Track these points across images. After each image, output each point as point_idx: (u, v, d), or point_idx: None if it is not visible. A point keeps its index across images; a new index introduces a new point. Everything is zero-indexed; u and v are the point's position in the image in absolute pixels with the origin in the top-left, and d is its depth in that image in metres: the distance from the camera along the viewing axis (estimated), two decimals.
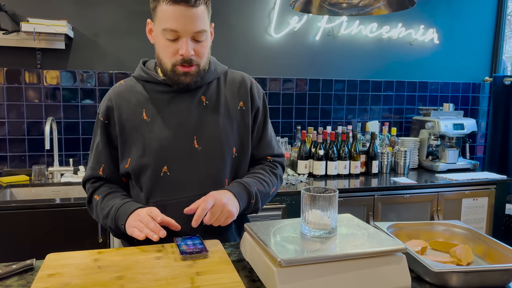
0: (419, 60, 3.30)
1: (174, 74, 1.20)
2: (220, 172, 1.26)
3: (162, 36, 1.17)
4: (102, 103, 1.29)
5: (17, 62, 2.52)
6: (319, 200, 1.01)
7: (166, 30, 1.14)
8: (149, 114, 1.24)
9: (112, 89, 1.31)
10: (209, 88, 1.30)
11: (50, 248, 1.20)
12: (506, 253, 1.09)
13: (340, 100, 3.16)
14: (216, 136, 1.25)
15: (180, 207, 1.18)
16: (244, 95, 1.32)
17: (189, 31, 1.15)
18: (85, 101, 2.65)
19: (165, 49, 1.18)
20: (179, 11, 1.12)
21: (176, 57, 1.17)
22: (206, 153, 1.24)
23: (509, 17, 3.61)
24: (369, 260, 0.94)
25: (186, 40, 1.15)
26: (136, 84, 1.29)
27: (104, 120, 1.27)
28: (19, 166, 2.59)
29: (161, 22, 1.16)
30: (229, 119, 1.29)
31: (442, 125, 2.91)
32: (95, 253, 1.05)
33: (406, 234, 1.27)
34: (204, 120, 1.26)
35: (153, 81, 1.27)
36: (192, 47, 1.17)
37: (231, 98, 1.31)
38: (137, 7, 2.67)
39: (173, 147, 1.22)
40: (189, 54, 1.16)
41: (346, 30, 3.07)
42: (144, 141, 1.22)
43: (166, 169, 1.22)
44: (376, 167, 2.83)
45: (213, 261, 1.02)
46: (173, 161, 1.22)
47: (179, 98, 1.26)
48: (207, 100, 1.28)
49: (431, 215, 2.63)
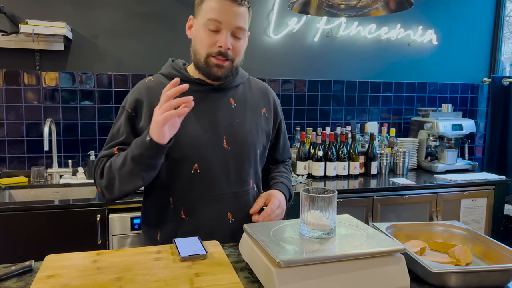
0: (417, 61, 3.31)
1: (207, 65, 1.23)
2: (246, 172, 1.32)
3: (204, 27, 1.21)
4: (130, 96, 1.29)
5: (16, 63, 2.53)
6: (318, 201, 1.01)
7: (210, 20, 1.19)
8: None
9: (142, 83, 1.32)
10: (237, 91, 1.35)
11: (49, 249, 1.20)
12: (505, 253, 1.09)
13: (339, 101, 3.16)
14: (244, 138, 1.30)
15: (209, 204, 1.25)
16: (266, 104, 1.40)
17: (231, 25, 1.20)
18: (84, 102, 2.65)
19: (204, 39, 1.22)
20: (225, 5, 1.19)
21: (212, 48, 1.22)
22: (235, 154, 1.28)
23: (507, 18, 3.62)
24: (368, 261, 0.94)
25: (226, 33, 1.21)
26: (165, 81, 1.28)
27: (131, 112, 1.26)
28: (18, 167, 2.58)
29: (206, 13, 1.21)
30: (254, 123, 1.35)
31: (441, 126, 2.92)
32: (94, 254, 1.05)
33: (405, 234, 1.27)
34: (233, 121, 1.30)
35: (184, 79, 1.28)
36: (230, 41, 1.22)
37: (255, 104, 1.38)
38: (136, 8, 2.67)
39: (205, 146, 1.25)
40: (227, 47, 1.21)
41: (344, 31, 3.07)
42: (175, 139, 1.18)
43: (197, 167, 1.25)
44: (375, 168, 2.83)
45: (212, 262, 1.02)
46: (204, 159, 1.24)
47: (209, 98, 1.29)
48: (235, 102, 1.33)
49: (430, 215, 2.63)
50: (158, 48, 2.75)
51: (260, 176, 1.42)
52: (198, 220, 1.26)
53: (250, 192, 1.34)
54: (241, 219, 1.29)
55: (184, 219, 1.27)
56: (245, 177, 1.32)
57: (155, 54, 2.75)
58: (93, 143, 2.68)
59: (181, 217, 1.27)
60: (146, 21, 2.70)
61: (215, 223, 1.25)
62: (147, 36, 2.72)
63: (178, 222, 1.27)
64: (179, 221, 1.27)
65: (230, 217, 1.29)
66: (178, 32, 2.77)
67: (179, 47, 2.78)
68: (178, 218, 1.27)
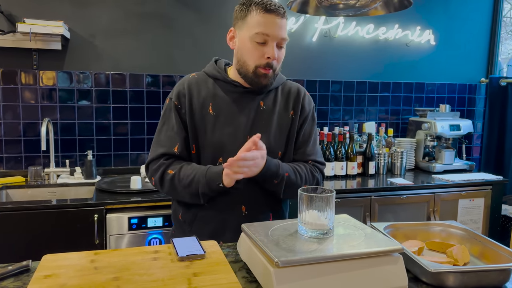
0: (415, 61, 3.31)
1: (255, 75, 1.34)
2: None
3: (250, 40, 1.31)
4: (175, 89, 1.42)
5: (13, 63, 2.52)
6: (316, 201, 1.01)
7: (258, 34, 1.29)
8: (215, 108, 1.38)
9: (186, 78, 1.44)
10: (268, 95, 1.44)
11: (46, 249, 1.20)
12: (502, 253, 1.09)
13: (337, 101, 3.17)
14: (266, 139, 1.37)
15: (226, 195, 1.35)
16: (295, 105, 1.46)
17: (277, 37, 1.31)
18: (82, 102, 2.64)
19: (252, 52, 1.32)
20: (271, 18, 1.29)
21: (261, 60, 1.32)
22: None
23: (504, 19, 3.63)
24: (366, 261, 0.94)
25: (273, 44, 1.31)
26: (207, 79, 1.43)
27: (177, 104, 1.39)
28: (15, 167, 2.57)
29: (253, 27, 1.30)
30: (279, 127, 1.43)
31: (438, 126, 2.92)
32: (91, 254, 1.05)
33: (403, 234, 1.27)
34: (259, 123, 1.40)
35: (223, 80, 1.41)
36: (277, 52, 1.33)
37: (284, 107, 1.45)
38: (134, 7, 2.67)
39: (230, 142, 1.37)
40: (275, 58, 1.32)
41: (343, 31, 3.08)
42: (206, 133, 1.37)
43: (221, 161, 1.37)
44: (373, 168, 2.83)
45: (210, 262, 1.01)
46: (227, 154, 1.31)
47: (242, 99, 1.40)
48: (265, 105, 1.42)
49: (427, 215, 2.64)
50: (156, 47, 2.75)
51: None
52: (215, 207, 1.37)
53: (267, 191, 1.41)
54: (254, 212, 1.40)
55: (205, 205, 1.38)
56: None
57: (153, 53, 2.74)
58: (91, 143, 2.68)
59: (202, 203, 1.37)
60: (144, 21, 2.70)
61: (229, 212, 1.37)
62: (145, 35, 2.72)
63: (200, 206, 1.39)
64: (200, 205, 1.38)
65: (243, 209, 1.39)
66: (176, 32, 2.76)
67: (177, 47, 2.77)
68: (199, 204, 1.38)
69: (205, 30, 2.81)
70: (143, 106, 2.74)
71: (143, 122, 2.75)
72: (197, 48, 2.81)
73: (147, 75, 2.74)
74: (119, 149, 2.74)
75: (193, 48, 2.80)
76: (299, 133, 1.47)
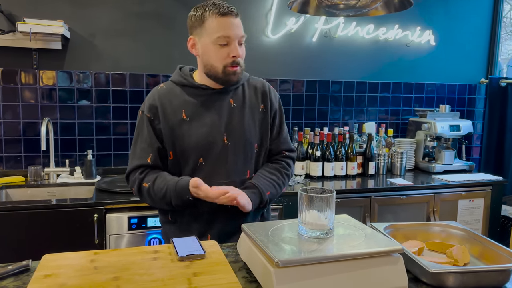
0: (415, 62, 3.31)
1: (225, 74, 1.42)
2: (244, 164, 1.49)
3: (213, 44, 1.39)
4: (147, 102, 1.48)
5: (13, 62, 2.51)
6: (316, 201, 1.01)
7: (220, 37, 1.37)
8: (188, 114, 1.45)
9: (155, 90, 1.50)
10: (236, 92, 1.51)
11: (46, 249, 1.20)
12: (502, 253, 1.10)
13: (337, 101, 3.16)
14: (242, 134, 1.48)
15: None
16: (264, 99, 1.55)
17: (238, 36, 1.40)
18: (82, 101, 2.64)
19: (217, 54, 1.40)
20: (228, 20, 1.38)
21: (227, 60, 1.40)
22: (234, 148, 1.47)
23: (504, 19, 3.63)
24: (366, 261, 0.94)
25: (235, 44, 1.40)
26: (175, 88, 1.50)
27: (150, 116, 1.45)
28: (14, 166, 2.57)
29: (213, 32, 1.38)
30: (253, 120, 1.51)
31: (438, 126, 2.92)
32: (91, 254, 1.05)
33: (403, 235, 1.27)
34: (232, 120, 1.47)
35: (190, 85, 1.48)
36: (239, 49, 1.41)
37: (254, 102, 1.53)
38: (134, 8, 2.67)
39: (208, 142, 1.44)
40: (239, 55, 1.41)
41: (343, 32, 3.08)
42: (183, 137, 1.44)
43: (202, 160, 1.45)
44: (372, 168, 2.83)
45: (210, 262, 1.01)
46: (207, 153, 1.44)
47: (212, 100, 1.47)
48: (235, 102, 1.50)
49: (427, 216, 2.64)
50: (155, 47, 2.75)
51: (259, 168, 1.56)
52: (202, 203, 1.41)
53: (247, 182, 1.50)
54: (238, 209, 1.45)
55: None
56: (243, 168, 1.49)
57: (153, 53, 2.74)
58: (91, 143, 2.67)
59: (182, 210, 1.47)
60: (144, 21, 2.70)
61: (216, 207, 1.41)
62: (145, 35, 2.72)
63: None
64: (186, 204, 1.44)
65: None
66: (176, 32, 2.76)
67: (177, 47, 2.77)
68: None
69: None
70: None
71: None
72: None
73: (147, 75, 2.74)
74: (119, 149, 2.74)
75: None
76: (272, 126, 1.56)
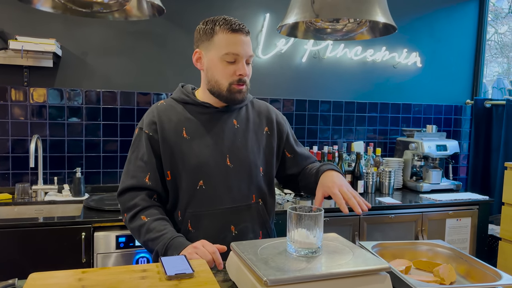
0: (402, 83, 3.38)
1: (230, 92, 1.36)
2: (248, 188, 1.42)
3: (221, 60, 1.34)
4: (146, 118, 1.41)
5: (4, 79, 2.51)
6: (305, 219, 1.02)
7: (228, 54, 1.33)
8: (189, 132, 1.38)
9: (155, 106, 1.43)
10: (240, 113, 1.46)
11: (33, 267, 1.18)
12: (488, 272, 1.11)
13: (326, 121, 3.21)
14: (246, 156, 1.41)
15: (213, 218, 1.37)
16: (269, 122, 1.50)
17: (246, 54, 1.35)
18: (72, 119, 2.64)
19: (223, 71, 1.35)
20: (238, 37, 1.33)
21: (233, 77, 1.35)
22: (237, 171, 1.40)
23: (489, 42, 3.74)
24: (354, 279, 0.95)
25: (243, 62, 1.35)
26: (176, 105, 1.43)
27: (149, 133, 1.38)
28: (2, 184, 2.54)
29: (221, 48, 1.33)
30: (256, 142, 1.46)
31: (425, 146, 2.97)
32: (79, 273, 1.04)
33: (391, 253, 1.28)
34: (235, 141, 1.41)
35: (193, 103, 1.42)
36: (246, 68, 1.36)
37: (258, 124, 1.49)
38: (126, 26, 2.70)
39: (209, 164, 1.37)
40: (246, 74, 1.36)
41: (331, 53, 3.14)
42: (183, 157, 1.36)
43: (202, 183, 1.37)
44: (361, 187, 2.86)
45: (198, 281, 1.01)
46: (208, 176, 1.37)
47: (215, 120, 1.41)
48: (238, 123, 1.44)
49: (415, 235, 2.66)
50: (147, 65, 2.77)
51: (266, 192, 1.48)
52: (203, 232, 1.36)
53: (253, 207, 1.43)
54: (244, 232, 1.41)
55: (191, 231, 1.38)
56: (247, 192, 1.42)
57: (144, 71, 2.77)
58: (80, 160, 2.66)
59: (189, 229, 1.38)
60: (136, 39, 2.73)
61: (219, 235, 1.35)
62: (136, 53, 2.74)
63: (186, 234, 1.37)
64: (186, 233, 1.38)
65: (233, 229, 1.39)
66: (167, 50, 2.80)
67: (168, 65, 2.80)
68: (186, 230, 1.38)
69: None
70: (133, 124, 2.74)
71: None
72: (188, 67, 2.84)
73: (138, 93, 2.76)
74: (108, 167, 2.73)
75: (184, 67, 2.83)
76: (282, 147, 1.52)
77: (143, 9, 1.53)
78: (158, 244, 1.27)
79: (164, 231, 1.29)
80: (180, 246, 1.24)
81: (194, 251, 1.20)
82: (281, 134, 1.52)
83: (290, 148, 1.55)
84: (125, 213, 1.37)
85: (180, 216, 1.40)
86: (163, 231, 1.29)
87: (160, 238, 1.28)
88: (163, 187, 1.40)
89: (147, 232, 1.30)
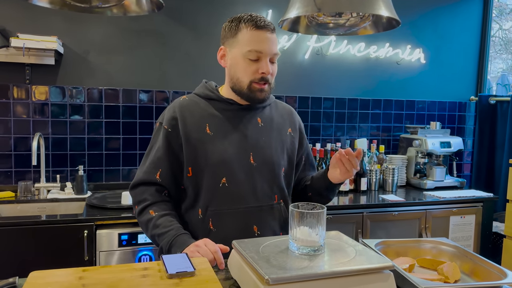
0: (406, 79, 3.36)
1: (251, 90, 1.34)
2: (271, 188, 1.39)
3: (243, 58, 1.32)
4: (167, 113, 1.39)
5: (6, 77, 2.51)
6: (307, 217, 1.01)
7: (251, 51, 1.30)
8: (212, 128, 1.36)
9: (177, 101, 1.41)
10: (264, 111, 1.44)
11: (34, 266, 1.18)
12: (493, 270, 1.10)
13: (329, 118, 3.19)
14: (270, 155, 1.39)
15: (236, 217, 1.34)
16: (292, 124, 1.50)
17: (270, 53, 1.31)
18: (74, 116, 2.64)
19: (246, 68, 1.32)
20: (263, 35, 1.30)
21: (255, 75, 1.32)
22: (260, 169, 1.37)
23: (493, 39, 3.71)
24: (357, 278, 0.94)
25: (266, 60, 1.31)
26: (199, 100, 1.41)
27: (167, 129, 1.36)
28: (4, 182, 2.55)
29: (245, 45, 1.31)
30: (280, 142, 1.44)
31: (429, 143, 2.95)
32: (80, 271, 1.03)
33: (394, 251, 1.27)
34: (259, 139, 1.39)
35: (217, 99, 1.40)
36: (270, 67, 1.33)
37: (281, 124, 1.47)
38: (128, 24, 2.69)
39: (233, 161, 1.34)
40: (269, 72, 1.32)
41: (334, 49, 3.12)
42: (206, 153, 1.33)
43: (225, 181, 1.34)
44: (364, 184, 2.84)
45: (199, 279, 1.00)
46: (231, 174, 1.34)
47: (239, 117, 1.39)
48: (262, 122, 1.42)
49: (419, 232, 2.64)
50: (149, 63, 2.76)
51: (286, 193, 1.46)
52: (224, 231, 1.33)
53: (275, 207, 1.41)
54: (267, 232, 1.37)
55: (212, 230, 1.35)
56: (270, 192, 1.39)
57: (146, 69, 2.76)
58: (82, 158, 2.66)
59: (210, 228, 1.35)
60: (138, 37, 2.72)
61: (241, 235, 1.28)
62: (138, 51, 2.73)
63: (207, 232, 1.35)
64: (207, 232, 1.35)
65: (255, 229, 1.36)
66: (170, 48, 2.79)
67: (170, 63, 2.79)
68: (207, 229, 1.35)
69: (198, 47, 2.84)
70: (135, 121, 2.73)
71: (136, 137, 2.74)
72: (190, 64, 2.83)
73: (140, 91, 2.75)
74: (111, 164, 2.72)
75: (186, 64, 2.82)
76: (304, 151, 1.53)
77: (142, 4, 1.52)
78: (163, 240, 1.28)
79: (169, 227, 1.29)
80: (183, 244, 1.24)
81: (196, 249, 1.19)
82: (302, 138, 1.53)
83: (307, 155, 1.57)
84: (136, 205, 1.38)
85: (201, 214, 1.36)
86: (168, 227, 1.29)
87: (165, 235, 1.28)
88: (176, 184, 1.39)
89: (154, 228, 1.31)
